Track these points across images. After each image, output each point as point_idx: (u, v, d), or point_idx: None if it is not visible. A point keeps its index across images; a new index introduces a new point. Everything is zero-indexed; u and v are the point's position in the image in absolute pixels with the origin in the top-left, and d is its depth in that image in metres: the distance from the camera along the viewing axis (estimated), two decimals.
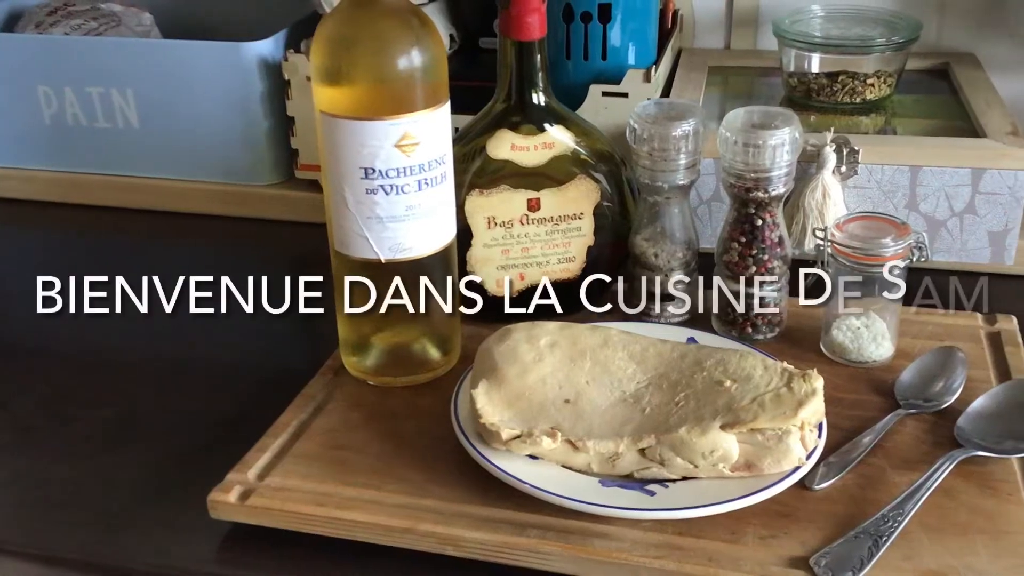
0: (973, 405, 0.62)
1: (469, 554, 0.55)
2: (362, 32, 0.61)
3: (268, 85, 0.95)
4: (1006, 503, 0.56)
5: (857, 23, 0.90)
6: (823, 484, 0.57)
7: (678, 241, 0.73)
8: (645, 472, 0.57)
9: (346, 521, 0.56)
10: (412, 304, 0.67)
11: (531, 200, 0.72)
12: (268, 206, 0.97)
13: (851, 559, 0.51)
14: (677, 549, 0.53)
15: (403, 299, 0.67)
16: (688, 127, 0.69)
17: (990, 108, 0.83)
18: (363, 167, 0.62)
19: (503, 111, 0.71)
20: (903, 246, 0.66)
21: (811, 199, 0.77)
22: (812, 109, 0.89)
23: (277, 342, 0.80)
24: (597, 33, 0.87)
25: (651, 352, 0.63)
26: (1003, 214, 0.77)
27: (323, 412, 0.66)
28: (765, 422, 0.55)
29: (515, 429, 0.58)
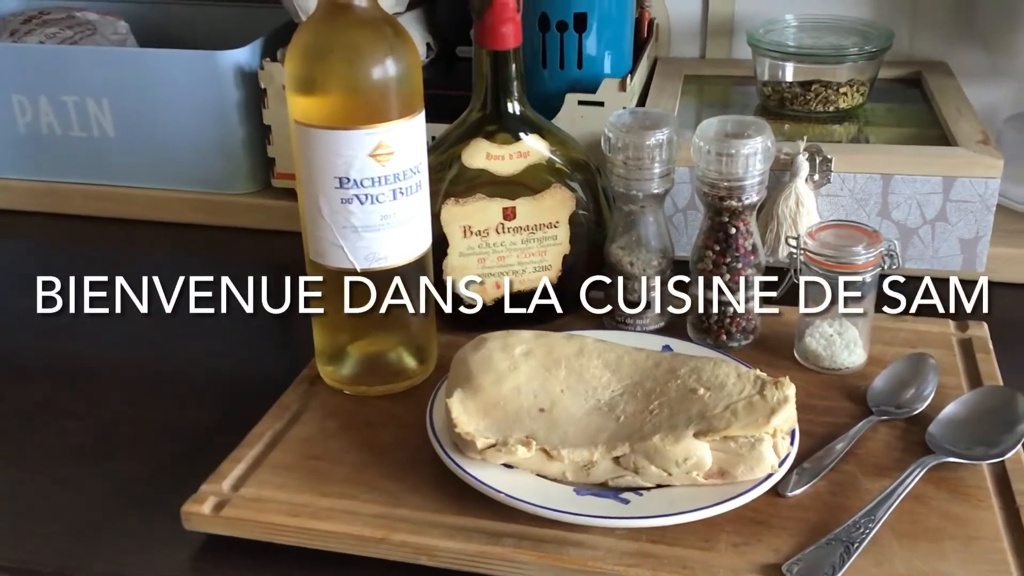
0: (944, 412, 0.63)
1: (444, 564, 0.55)
2: (336, 42, 0.61)
3: (244, 94, 0.94)
4: (977, 509, 0.56)
5: (830, 32, 0.91)
6: (796, 491, 0.58)
7: (653, 249, 0.73)
8: (619, 480, 0.57)
9: (320, 531, 0.56)
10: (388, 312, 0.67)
11: (507, 209, 0.72)
12: (244, 215, 0.97)
13: (823, 566, 0.52)
14: (651, 557, 0.53)
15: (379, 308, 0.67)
16: (662, 136, 0.69)
17: (961, 116, 0.84)
18: (338, 177, 0.62)
19: (478, 120, 0.72)
20: (875, 254, 0.66)
21: (785, 207, 0.78)
22: (786, 118, 0.89)
23: (253, 351, 0.80)
24: (573, 42, 0.87)
25: (626, 360, 0.63)
26: (974, 221, 0.78)
27: (299, 422, 0.66)
28: (738, 430, 0.56)
29: (490, 438, 0.58)
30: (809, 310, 0.68)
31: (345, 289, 0.66)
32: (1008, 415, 0.61)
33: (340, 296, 0.67)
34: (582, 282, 0.76)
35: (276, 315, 0.86)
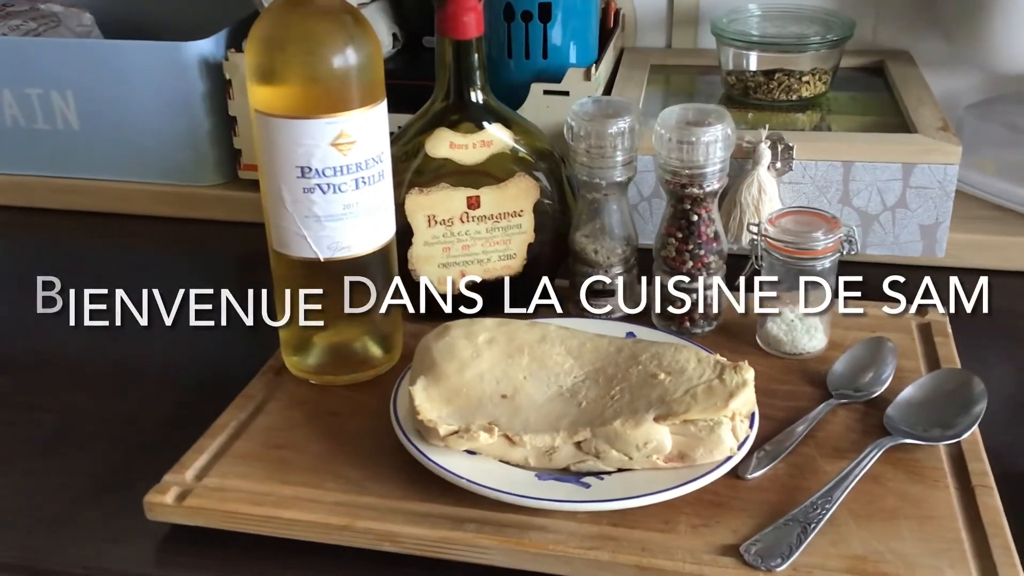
0: (902, 394, 0.64)
1: (407, 550, 0.55)
2: (295, 31, 0.61)
3: (209, 85, 0.94)
4: (933, 489, 0.57)
5: (793, 22, 0.92)
6: (755, 473, 0.58)
7: (617, 237, 0.73)
8: (581, 465, 0.57)
9: (283, 520, 0.56)
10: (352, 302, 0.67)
11: (471, 198, 0.72)
12: (211, 207, 0.97)
13: (780, 546, 0.52)
14: (611, 540, 0.54)
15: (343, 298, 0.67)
16: (624, 124, 0.70)
17: (922, 104, 0.85)
18: (299, 166, 0.62)
19: (442, 110, 0.72)
20: (834, 240, 0.67)
21: (747, 195, 0.79)
22: (750, 106, 0.90)
23: (220, 343, 0.79)
24: (538, 32, 0.87)
25: (588, 347, 0.64)
26: (934, 207, 0.78)
27: (263, 412, 0.66)
28: (697, 413, 0.56)
29: (453, 425, 0.58)
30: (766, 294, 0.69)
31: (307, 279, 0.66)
32: (964, 397, 0.62)
33: (304, 286, 0.67)
34: (547, 270, 0.77)
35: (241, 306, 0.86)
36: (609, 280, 0.74)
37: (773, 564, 0.51)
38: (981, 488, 0.57)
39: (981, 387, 0.62)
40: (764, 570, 0.51)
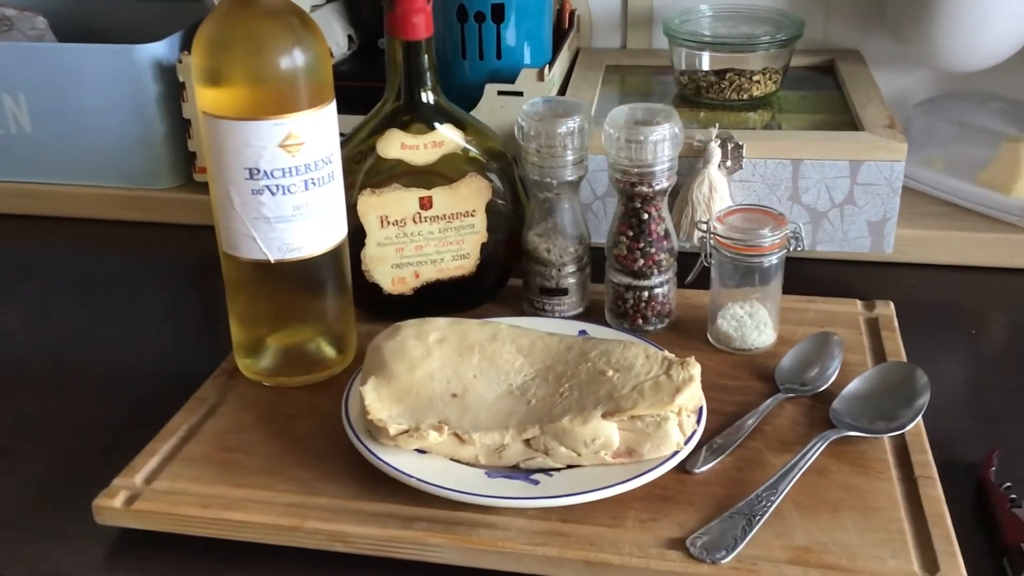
0: (848, 388, 0.65)
1: (357, 550, 0.55)
2: (240, 33, 0.61)
3: (163, 88, 0.94)
4: (876, 480, 0.58)
5: (744, 22, 0.93)
6: (703, 468, 0.59)
7: (569, 236, 0.74)
8: (530, 462, 0.58)
9: (233, 522, 0.56)
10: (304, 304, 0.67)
11: (423, 198, 0.73)
12: (167, 210, 0.96)
13: (725, 538, 0.53)
14: (560, 535, 0.54)
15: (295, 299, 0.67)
16: (574, 124, 0.70)
17: (870, 102, 0.87)
18: (248, 168, 0.62)
19: (393, 110, 0.72)
20: (780, 236, 0.68)
21: (698, 193, 0.79)
22: (702, 106, 0.91)
23: (174, 347, 0.79)
24: (491, 33, 0.88)
25: (539, 345, 0.64)
26: (881, 204, 0.80)
27: (215, 414, 0.66)
28: (644, 409, 0.57)
29: (403, 424, 0.58)
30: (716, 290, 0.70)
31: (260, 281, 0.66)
32: (908, 390, 0.63)
33: (254, 287, 0.67)
34: (501, 270, 0.77)
35: (197, 310, 0.86)
36: (562, 278, 0.74)
37: (718, 556, 0.52)
38: (924, 479, 0.58)
39: (924, 380, 0.63)
40: (709, 562, 0.52)
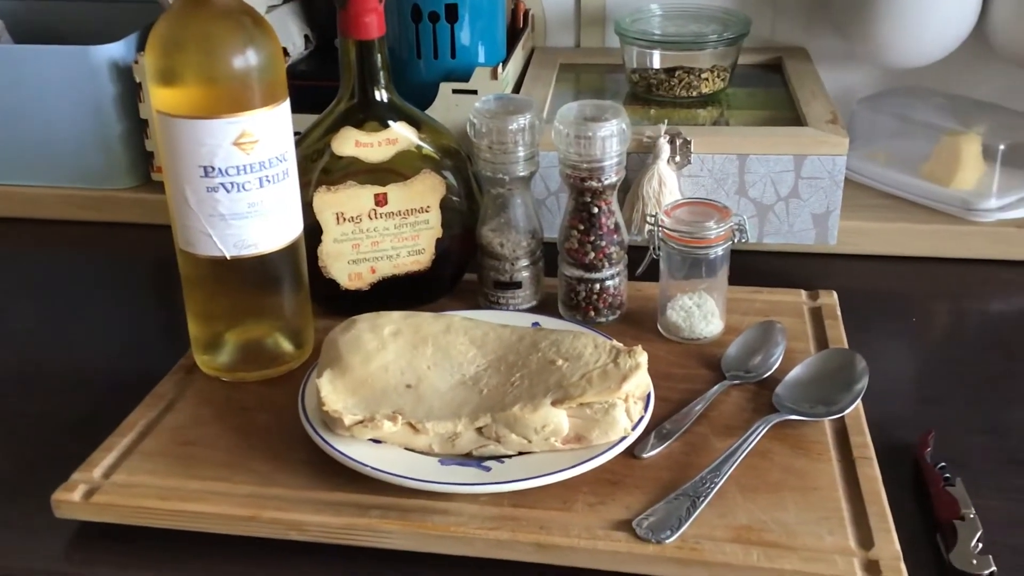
0: (791, 374, 0.67)
1: (313, 538, 0.57)
2: (193, 32, 0.62)
3: (120, 88, 0.94)
4: (816, 462, 0.60)
5: (693, 21, 0.95)
6: (650, 452, 0.61)
7: (522, 231, 0.76)
8: (483, 450, 0.59)
9: (190, 513, 0.57)
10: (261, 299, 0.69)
11: (378, 195, 0.74)
12: (125, 210, 0.97)
13: (670, 519, 0.55)
14: (511, 520, 0.56)
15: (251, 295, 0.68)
16: (524, 121, 0.72)
17: (814, 98, 0.89)
18: (202, 165, 0.63)
19: (347, 109, 0.73)
20: (725, 228, 0.70)
21: (648, 188, 0.81)
22: (653, 103, 0.93)
23: (134, 345, 0.80)
24: (445, 32, 0.89)
25: (491, 336, 0.66)
26: (824, 197, 0.82)
27: (173, 410, 0.67)
28: (592, 396, 0.59)
29: (358, 415, 0.60)
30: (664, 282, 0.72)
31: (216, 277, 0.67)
32: (847, 375, 0.65)
33: (211, 284, 0.68)
34: (456, 265, 0.79)
35: (157, 308, 0.87)
36: (516, 272, 0.76)
37: (663, 537, 0.54)
38: (862, 460, 0.60)
39: (863, 365, 0.66)
40: (654, 542, 0.54)
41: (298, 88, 0.96)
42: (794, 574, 0.52)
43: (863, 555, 0.53)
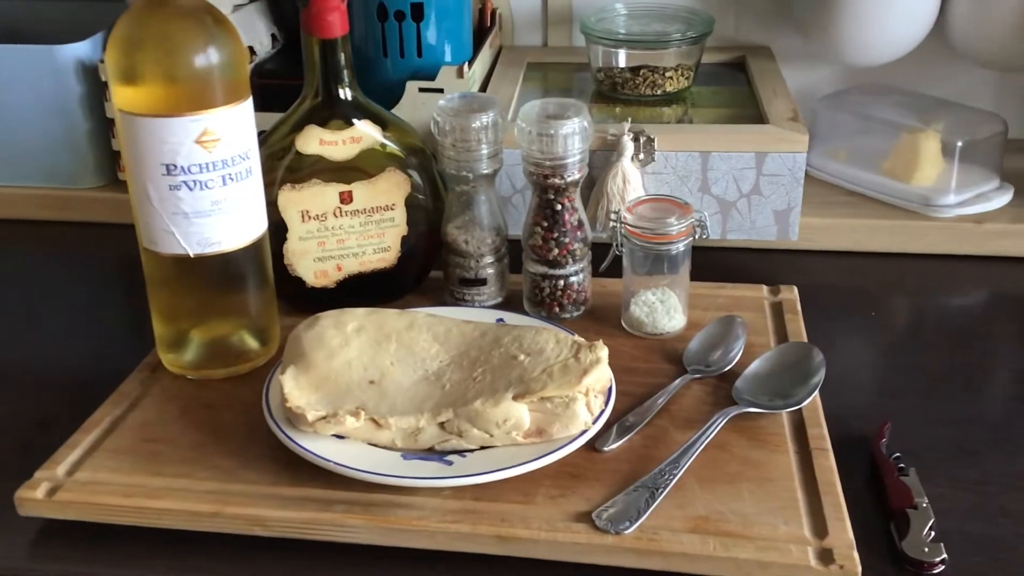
0: (750, 368, 0.68)
1: (276, 533, 0.57)
2: (154, 31, 0.62)
3: (86, 87, 0.94)
4: (773, 453, 0.61)
5: (657, 20, 0.96)
6: (612, 446, 0.62)
7: (487, 228, 0.76)
8: (445, 444, 0.60)
9: (154, 509, 0.58)
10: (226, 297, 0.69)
11: (343, 193, 0.74)
12: (91, 209, 0.97)
13: (629, 511, 0.56)
14: (473, 513, 0.57)
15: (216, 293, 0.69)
16: (487, 119, 0.73)
17: (776, 97, 0.90)
18: (164, 164, 0.63)
19: (311, 107, 0.74)
20: (686, 224, 0.71)
21: (613, 185, 0.82)
22: (618, 101, 0.94)
23: (99, 344, 0.80)
24: (411, 31, 0.90)
25: (454, 332, 0.66)
26: (786, 194, 0.83)
27: (138, 407, 0.67)
28: (553, 390, 0.60)
29: (321, 411, 0.60)
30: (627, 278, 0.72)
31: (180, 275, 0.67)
32: (805, 368, 0.66)
33: (175, 282, 0.68)
34: (422, 262, 0.79)
35: (123, 307, 0.87)
36: (480, 269, 0.76)
37: (622, 528, 0.55)
38: (818, 451, 0.61)
39: (820, 358, 0.67)
40: (613, 533, 0.55)
41: (265, 87, 0.97)
42: (749, 563, 0.53)
43: (817, 544, 0.54)
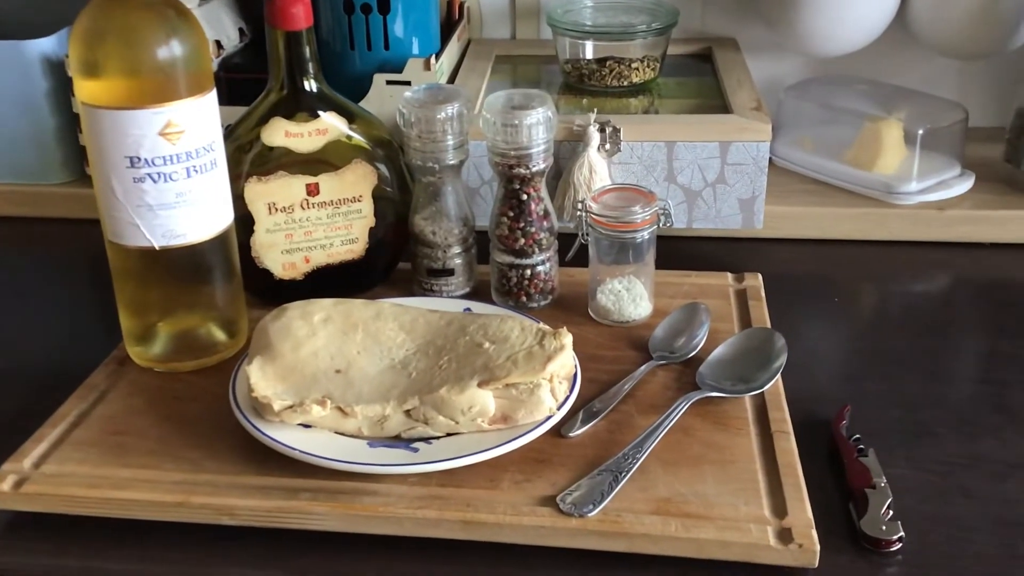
0: (714, 353, 0.69)
1: (244, 522, 0.57)
2: (116, 24, 0.62)
3: (53, 82, 0.94)
4: (735, 436, 0.62)
5: (624, 12, 0.97)
6: (577, 431, 0.62)
7: (454, 219, 0.77)
8: (411, 432, 0.61)
9: (120, 500, 0.58)
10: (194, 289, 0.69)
11: (310, 185, 0.75)
12: (58, 205, 0.96)
13: (593, 494, 0.56)
14: (439, 499, 0.57)
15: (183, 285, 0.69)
16: (452, 110, 0.73)
17: (741, 87, 0.91)
18: (128, 156, 0.63)
19: (277, 100, 0.74)
20: (650, 212, 0.72)
21: (579, 175, 0.83)
22: (586, 93, 0.95)
23: (67, 339, 0.80)
24: (378, 24, 0.90)
25: (420, 321, 0.67)
26: (750, 182, 0.84)
27: (105, 400, 0.67)
28: (517, 377, 0.60)
29: (287, 400, 0.60)
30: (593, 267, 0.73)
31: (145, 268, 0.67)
32: (767, 353, 0.67)
33: (141, 275, 0.68)
34: (390, 253, 0.80)
35: (92, 302, 0.87)
36: (448, 259, 0.77)
37: (585, 511, 0.55)
38: (779, 434, 0.62)
39: (782, 343, 0.68)
40: (577, 516, 0.55)
41: (233, 81, 0.97)
42: (710, 543, 0.54)
43: (777, 523, 0.55)
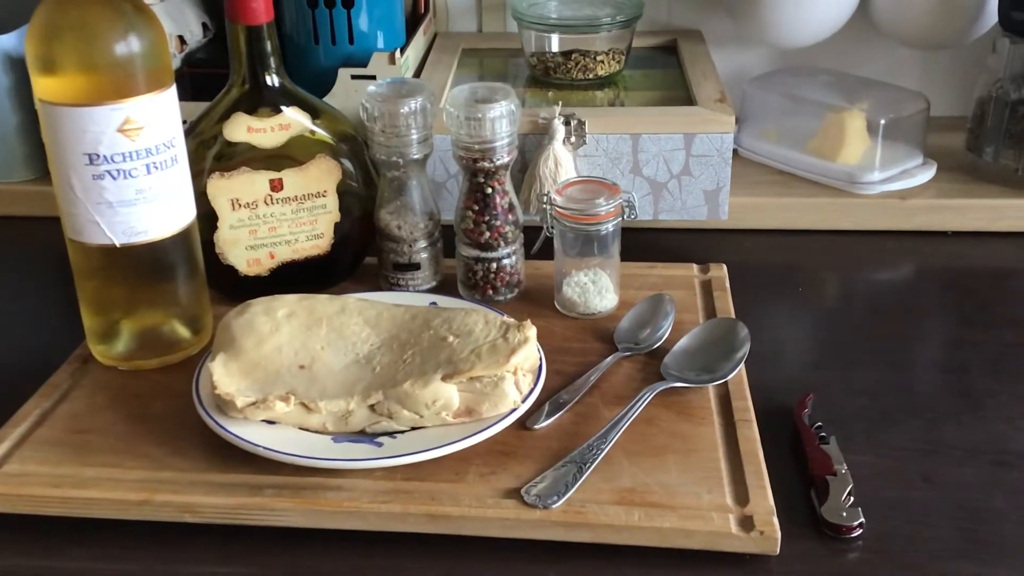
0: (678, 344, 0.69)
1: (207, 519, 0.57)
2: (72, 20, 0.61)
3: (14, 79, 0.93)
4: (699, 426, 0.63)
5: (588, 5, 0.97)
6: (542, 424, 0.62)
7: (419, 213, 0.77)
8: (376, 426, 0.60)
9: (83, 499, 0.57)
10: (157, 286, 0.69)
11: (273, 180, 0.74)
12: (21, 203, 0.95)
13: (558, 485, 0.57)
14: (404, 493, 0.57)
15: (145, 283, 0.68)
16: (416, 104, 0.73)
17: (705, 79, 0.92)
18: (87, 153, 0.63)
19: (238, 95, 0.73)
20: (615, 205, 0.72)
21: (545, 168, 0.83)
22: (551, 86, 0.95)
23: (31, 338, 0.79)
24: (342, 18, 0.90)
25: (385, 316, 0.67)
26: (715, 174, 0.85)
27: (68, 399, 0.66)
28: (481, 370, 0.60)
29: (251, 396, 0.60)
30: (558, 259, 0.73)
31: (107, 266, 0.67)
32: (730, 343, 0.68)
33: (103, 273, 0.68)
34: (356, 248, 0.79)
35: (55, 300, 0.86)
36: (414, 254, 0.77)
37: (549, 502, 0.56)
38: (742, 422, 0.63)
39: (745, 333, 0.68)
40: (541, 508, 0.55)
41: (197, 76, 0.96)
42: (673, 531, 0.54)
43: (739, 511, 0.55)
